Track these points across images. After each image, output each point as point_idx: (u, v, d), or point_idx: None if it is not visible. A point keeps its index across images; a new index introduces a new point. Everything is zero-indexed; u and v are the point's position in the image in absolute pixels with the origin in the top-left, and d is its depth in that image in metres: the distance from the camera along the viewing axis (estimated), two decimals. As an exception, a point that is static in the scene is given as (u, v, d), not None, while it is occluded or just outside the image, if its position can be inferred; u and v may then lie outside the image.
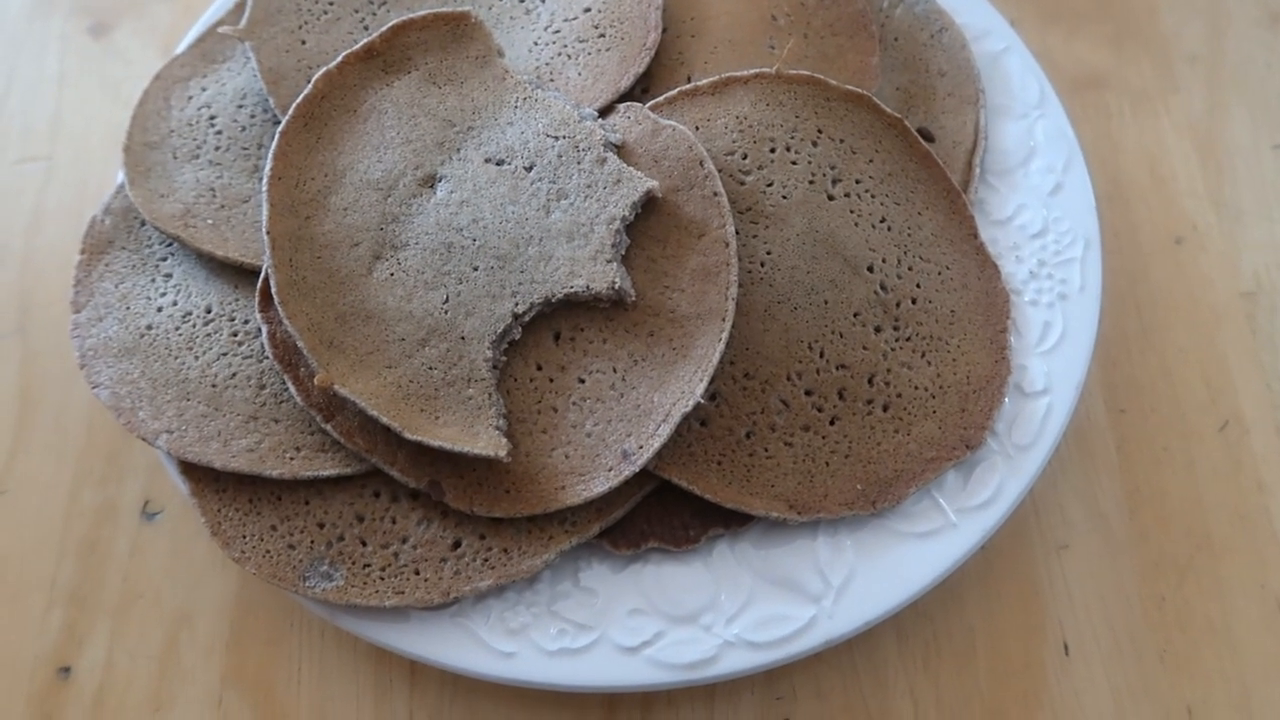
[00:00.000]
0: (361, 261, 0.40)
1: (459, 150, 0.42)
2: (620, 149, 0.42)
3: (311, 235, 0.41)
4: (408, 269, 0.40)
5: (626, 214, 0.40)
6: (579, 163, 0.40)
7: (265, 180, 0.41)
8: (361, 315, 0.40)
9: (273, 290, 0.40)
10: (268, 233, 0.40)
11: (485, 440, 0.38)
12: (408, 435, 0.37)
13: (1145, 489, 0.46)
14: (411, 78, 0.43)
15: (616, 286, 0.39)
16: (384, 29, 0.43)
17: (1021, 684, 0.42)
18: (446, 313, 0.39)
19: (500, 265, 0.40)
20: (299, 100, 0.42)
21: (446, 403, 0.39)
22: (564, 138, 0.41)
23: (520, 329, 0.40)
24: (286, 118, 0.42)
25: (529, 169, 0.41)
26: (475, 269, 0.40)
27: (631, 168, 0.40)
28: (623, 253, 0.40)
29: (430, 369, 0.39)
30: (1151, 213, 0.52)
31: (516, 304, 0.39)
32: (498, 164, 0.41)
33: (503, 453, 0.38)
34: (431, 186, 0.41)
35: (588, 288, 0.39)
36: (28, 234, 0.54)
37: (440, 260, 0.40)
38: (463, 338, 0.39)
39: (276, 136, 0.42)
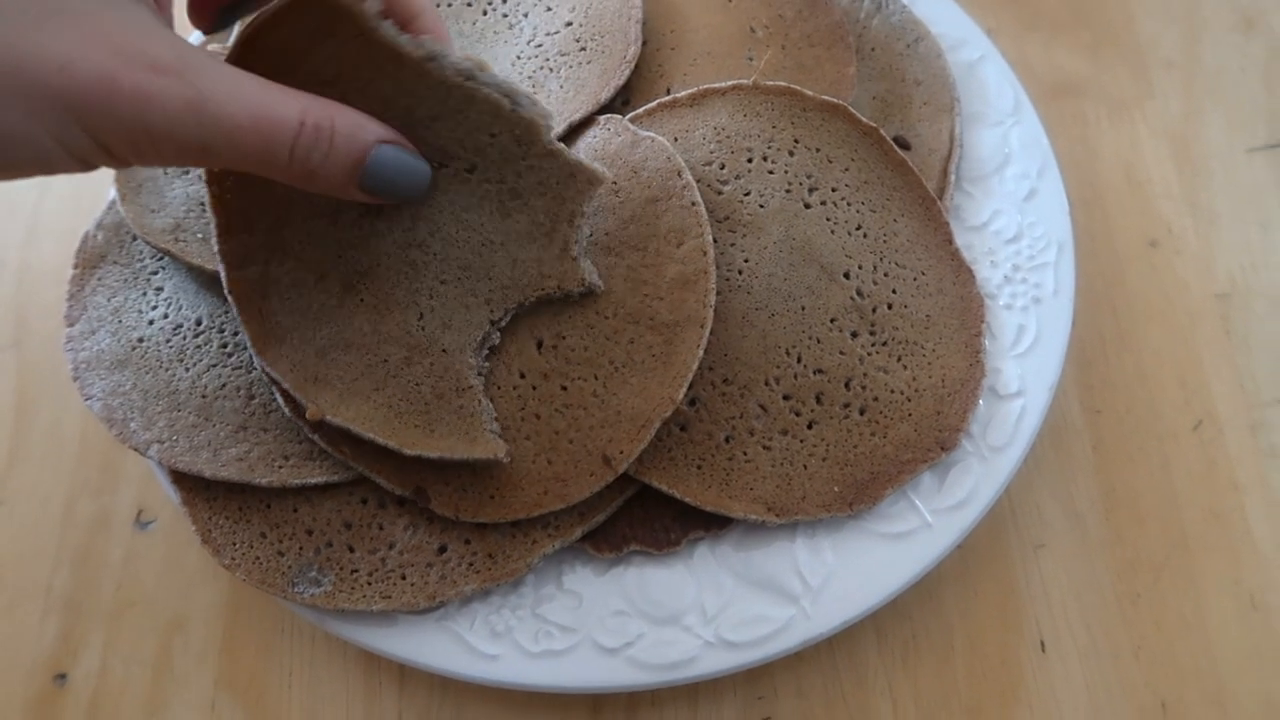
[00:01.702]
0: (331, 294, 0.40)
1: None
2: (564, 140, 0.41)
3: (276, 278, 0.40)
4: (377, 294, 0.40)
5: (586, 209, 0.39)
6: (524, 158, 0.37)
7: (214, 238, 0.39)
8: (341, 345, 0.40)
9: (248, 343, 0.39)
10: (230, 291, 0.39)
11: (483, 445, 0.39)
12: (407, 452, 0.38)
13: (1121, 488, 0.47)
14: (298, 83, 0.33)
15: (586, 283, 0.39)
16: (236, 38, 0.34)
17: (999, 681, 0.43)
18: (424, 329, 0.40)
19: (467, 274, 0.39)
20: None
21: (439, 414, 0.39)
22: (501, 133, 0.36)
23: (499, 333, 0.41)
24: (205, 171, 0.39)
25: (470, 171, 0.38)
26: (443, 282, 0.39)
27: (581, 157, 0.38)
28: (585, 246, 0.39)
29: (418, 385, 0.40)
30: (1127, 216, 0.53)
31: (492, 311, 0.40)
32: (437, 167, 0.37)
33: (501, 454, 0.39)
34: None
35: (559, 287, 0.40)
36: (23, 249, 0.55)
37: (408, 279, 0.39)
38: (444, 350, 0.40)
39: (206, 186, 0.38)
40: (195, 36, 0.52)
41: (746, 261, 0.43)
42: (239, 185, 0.39)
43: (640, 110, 0.46)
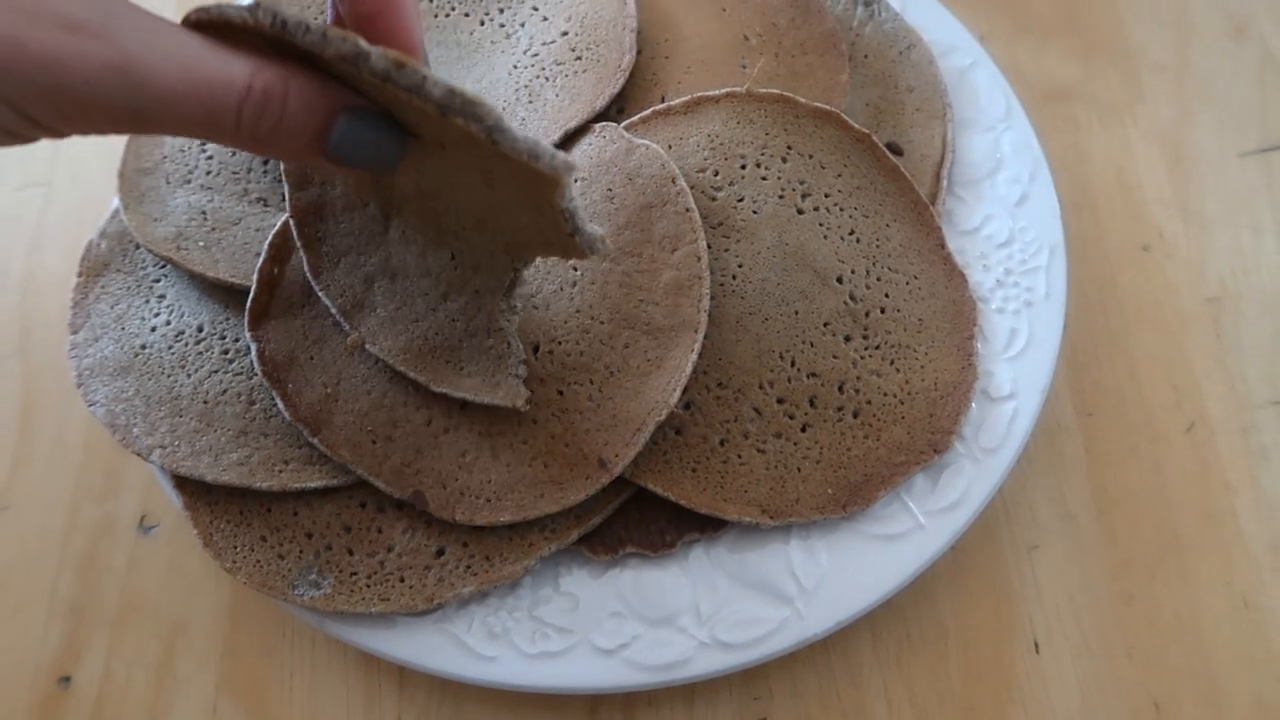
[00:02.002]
0: (376, 220, 0.41)
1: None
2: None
3: (330, 200, 0.41)
4: (412, 227, 0.40)
5: (560, 199, 0.32)
6: (481, 148, 0.32)
7: (283, 166, 0.41)
8: (388, 273, 0.41)
9: (305, 266, 0.41)
10: (291, 214, 0.41)
11: (504, 391, 0.40)
12: (434, 387, 0.40)
13: (1114, 490, 0.47)
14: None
15: (587, 253, 0.35)
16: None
17: (993, 681, 0.43)
18: (457, 269, 0.40)
19: (484, 226, 0.38)
20: None
21: (470, 353, 0.40)
22: (448, 125, 0.32)
23: (516, 272, 0.39)
24: None
25: (443, 148, 0.34)
26: (464, 228, 0.38)
27: (537, 155, 0.30)
28: (583, 217, 0.34)
29: (453, 321, 0.40)
30: (1119, 220, 0.54)
31: (513, 260, 0.38)
32: (415, 136, 0.34)
33: (520, 402, 0.40)
34: None
35: (563, 254, 0.35)
36: (28, 258, 0.56)
37: (432, 223, 0.39)
38: (476, 292, 0.40)
39: None
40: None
41: (740, 267, 0.44)
42: None
43: (635, 118, 0.46)
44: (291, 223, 0.41)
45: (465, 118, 0.29)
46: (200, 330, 0.44)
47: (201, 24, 0.30)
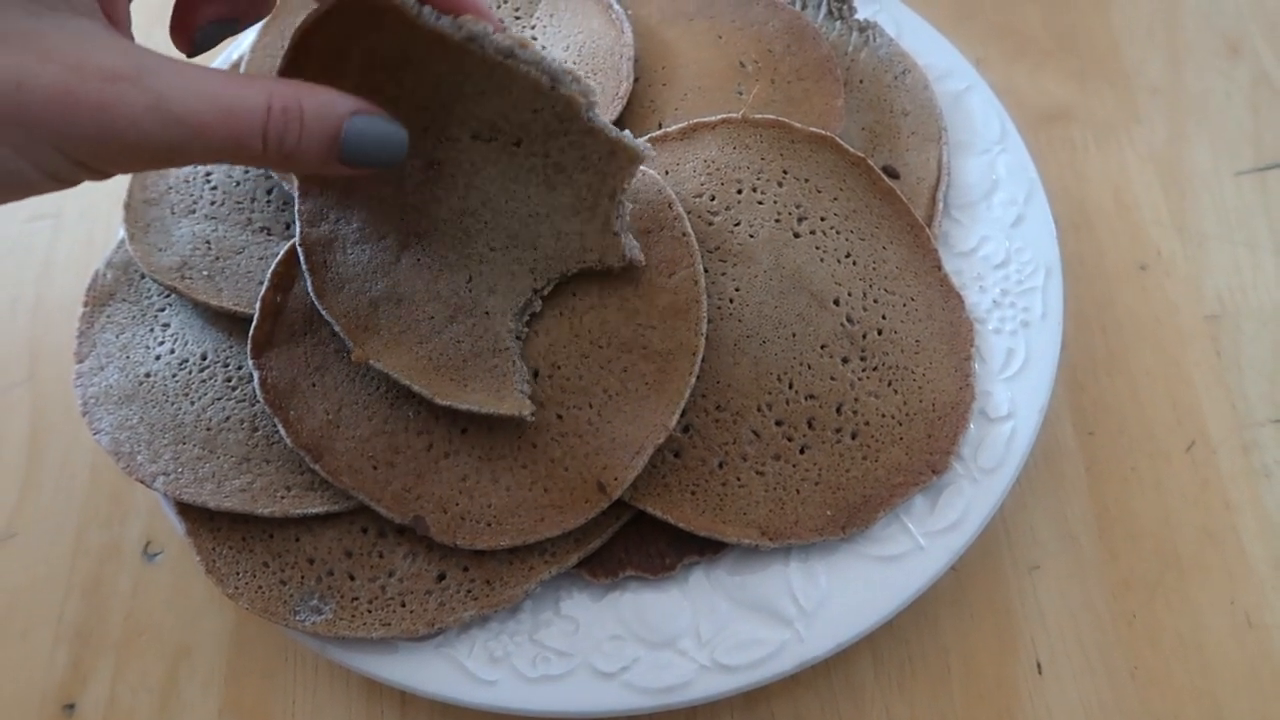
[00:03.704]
0: (390, 251, 0.42)
1: (445, 130, 0.39)
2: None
3: (342, 235, 0.42)
4: (432, 255, 0.41)
5: (626, 185, 0.40)
6: (566, 134, 0.38)
7: (297, 196, 0.42)
8: (394, 299, 0.42)
9: (309, 288, 0.42)
10: (300, 245, 0.42)
11: (510, 402, 0.40)
12: (438, 400, 0.40)
13: (1114, 509, 0.47)
14: (354, 71, 0.37)
15: (628, 258, 0.41)
16: (288, 44, 0.36)
17: (995, 703, 0.43)
18: (471, 291, 0.41)
19: (515, 243, 0.41)
20: None
21: (474, 371, 0.41)
22: (543, 109, 0.37)
23: (540, 301, 0.42)
24: None
25: (518, 144, 0.39)
26: (492, 249, 0.41)
27: (621, 133, 0.38)
28: (626, 222, 0.41)
29: (458, 342, 0.41)
30: (1117, 240, 0.54)
31: (535, 279, 0.41)
32: (486, 140, 0.39)
33: (526, 412, 0.40)
34: (435, 171, 0.40)
35: (600, 261, 0.41)
36: (38, 287, 0.56)
37: (460, 244, 0.41)
38: (487, 313, 0.41)
39: None
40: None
41: (737, 290, 0.44)
42: None
43: (632, 144, 0.47)
44: (300, 250, 0.42)
45: (578, 89, 0.36)
46: (204, 358, 0.45)
47: (346, 4, 0.34)
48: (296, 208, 0.42)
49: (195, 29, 0.36)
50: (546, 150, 0.39)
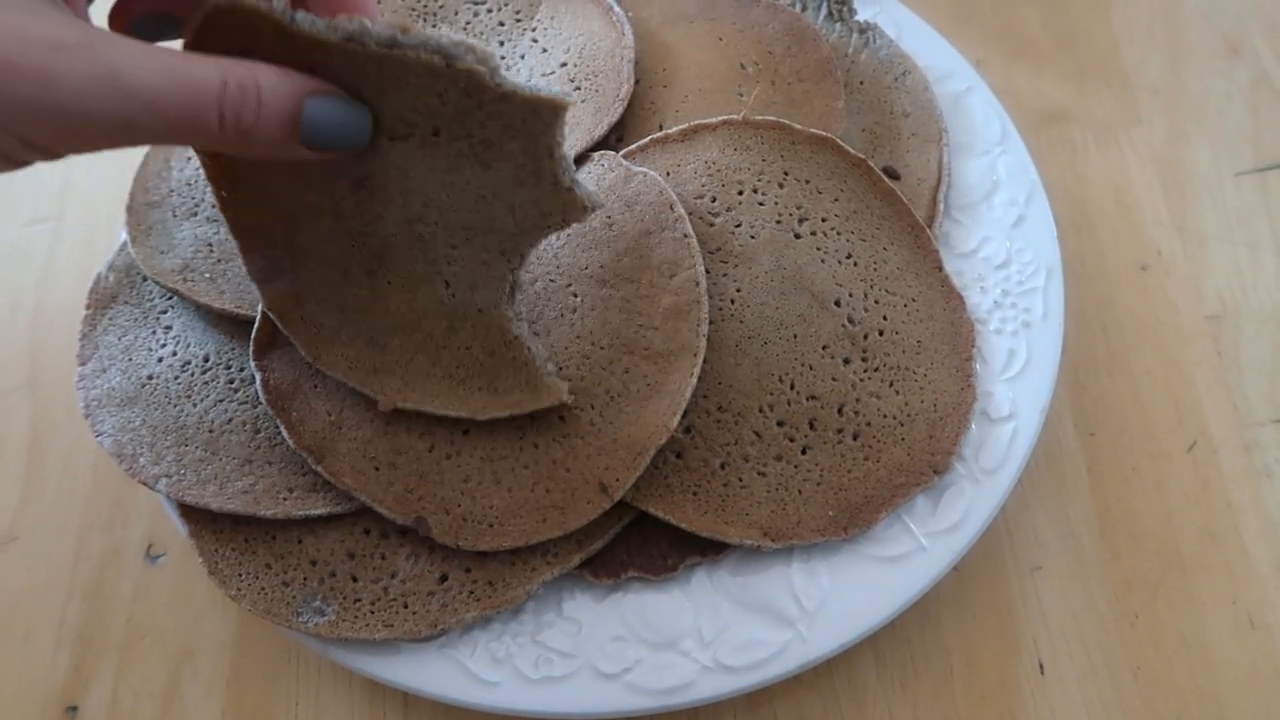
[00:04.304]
0: (361, 285, 0.40)
1: None
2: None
3: (307, 283, 0.41)
4: (399, 274, 0.40)
5: (560, 138, 0.35)
6: (480, 108, 0.34)
7: (242, 260, 0.40)
8: (387, 330, 0.41)
9: (303, 353, 0.41)
10: (269, 309, 0.41)
11: (547, 393, 0.40)
12: (480, 418, 0.41)
13: (1116, 509, 0.47)
14: None
15: (589, 206, 0.37)
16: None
17: (998, 704, 0.43)
18: (454, 296, 0.40)
19: (474, 234, 0.38)
20: (208, 175, 0.39)
21: (498, 371, 0.41)
22: (447, 90, 0.33)
23: (514, 273, 0.39)
24: (213, 193, 0.39)
25: (436, 134, 0.35)
26: (454, 247, 0.39)
27: (536, 88, 0.33)
28: (574, 173, 0.36)
29: (468, 349, 0.41)
30: (1117, 240, 0.54)
31: (509, 261, 0.39)
32: (404, 139, 0.35)
33: (565, 396, 0.40)
34: (365, 187, 0.37)
35: (564, 220, 0.37)
36: (39, 291, 0.56)
37: (421, 253, 0.39)
38: (480, 310, 0.40)
39: (221, 213, 0.39)
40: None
41: (739, 291, 0.44)
42: (245, 201, 0.39)
43: (633, 146, 0.47)
44: (271, 315, 0.40)
45: (475, 59, 0.32)
46: (206, 360, 0.45)
47: (220, 10, 0.32)
48: (246, 270, 0.40)
49: (130, 21, 0.35)
50: (467, 130, 0.35)
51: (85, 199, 0.59)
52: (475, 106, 0.34)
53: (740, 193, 0.46)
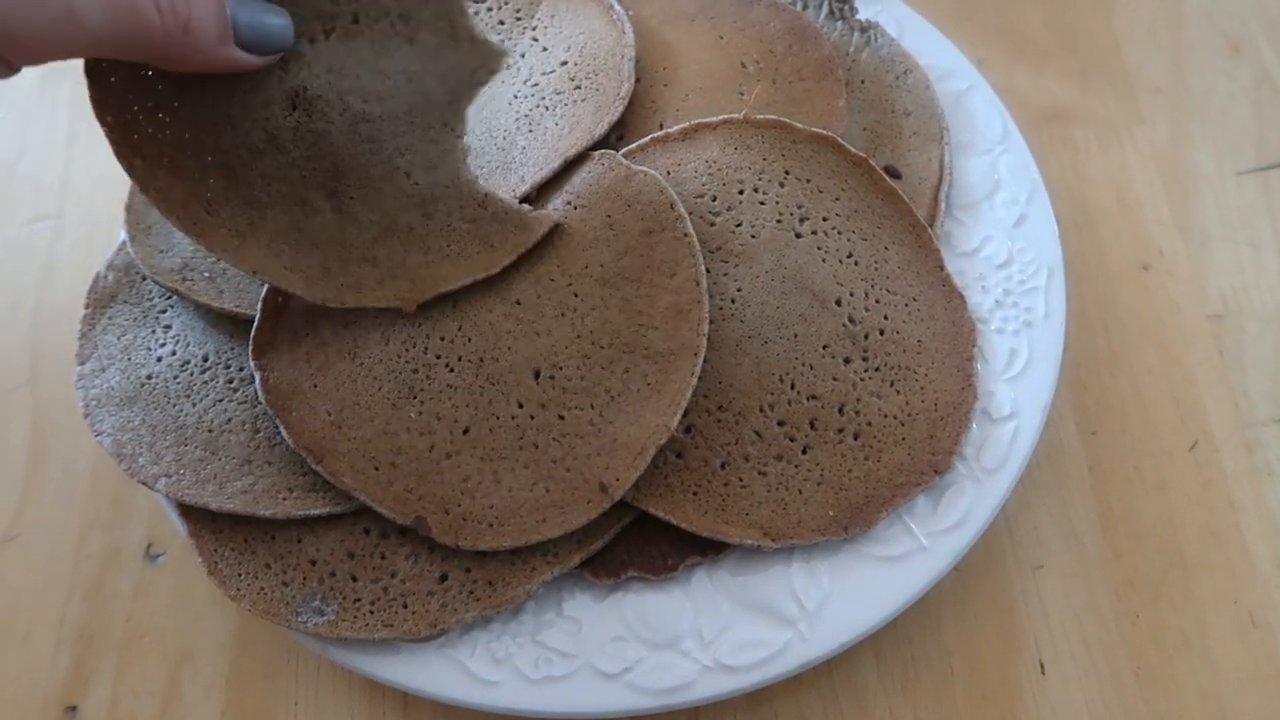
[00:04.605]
0: (323, 209, 0.40)
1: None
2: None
3: (273, 235, 0.40)
4: (361, 184, 0.40)
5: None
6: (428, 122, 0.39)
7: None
8: (370, 244, 0.41)
9: (320, 301, 0.41)
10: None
11: (539, 224, 0.43)
12: (495, 271, 0.42)
13: (1118, 508, 0.47)
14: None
15: (498, 51, 0.39)
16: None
17: (999, 703, 0.43)
18: (418, 184, 0.41)
19: (415, 117, 0.39)
20: (117, 152, 0.38)
21: (486, 230, 0.42)
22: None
23: (460, 124, 0.41)
24: (127, 171, 0.38)
25: (355, 20, 0.38)
26: (401, 135, 0.40)
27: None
28: (470, 15, 0.39)
29: (451, 227, 0.42)
30: (1119, 240, 0.54)
31: (454, 131, 0.40)
32: (327, 37, 0.37)
33: (556, 219, 0.43)
34: (301, 106, 0.38)
35: (489, 70, 0.39)
36: (39, 290, 0.56)
37: (374, 153, 0.40)
38: (446, 186, 0.41)
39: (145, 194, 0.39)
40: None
41: (739, 290, 0.44)
42: (173, 167, 0.39)
43: (634, 145, 0.47)
44: (265, 277, 0.40)
45: None
46: (205, 360, 0.45)
47: None
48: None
49: None
50: (384, 9, 0.37)
51: (85, 198, 0.59)
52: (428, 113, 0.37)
53: (741, 192, 0.46)
